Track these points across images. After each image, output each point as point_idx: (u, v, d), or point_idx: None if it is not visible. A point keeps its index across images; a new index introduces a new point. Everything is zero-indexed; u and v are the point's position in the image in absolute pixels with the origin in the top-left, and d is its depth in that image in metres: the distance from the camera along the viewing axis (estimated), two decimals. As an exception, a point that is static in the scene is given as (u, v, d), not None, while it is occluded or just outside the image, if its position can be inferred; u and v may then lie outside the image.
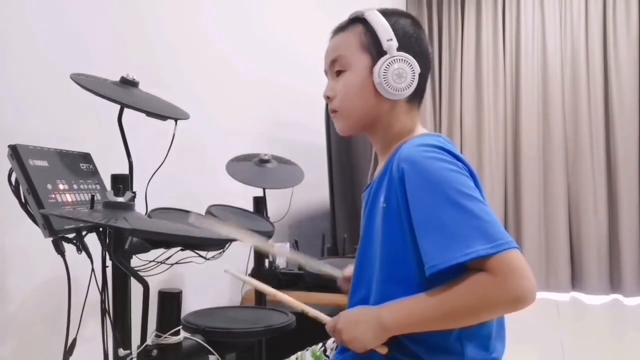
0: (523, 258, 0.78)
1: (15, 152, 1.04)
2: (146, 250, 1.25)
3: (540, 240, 4.15)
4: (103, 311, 1.13)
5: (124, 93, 1.24)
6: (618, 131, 4.00)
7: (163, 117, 1.29)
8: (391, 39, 0.95)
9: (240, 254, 1.95)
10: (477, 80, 4.40)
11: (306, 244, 2.40)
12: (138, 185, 1.27)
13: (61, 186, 1.09)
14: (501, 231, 0.79)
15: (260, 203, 1.95)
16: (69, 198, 1.10)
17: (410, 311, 0.86)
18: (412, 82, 0.95)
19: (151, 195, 1.36)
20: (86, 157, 1.24)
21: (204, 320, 1.39)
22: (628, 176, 3.98)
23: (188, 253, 1.34)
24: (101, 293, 1.14)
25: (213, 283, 2.14)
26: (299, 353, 1.21)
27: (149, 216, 1.33)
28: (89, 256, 1.11)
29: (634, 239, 3.95)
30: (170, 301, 1.18)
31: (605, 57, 4.08)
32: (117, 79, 1.29)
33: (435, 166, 0.84)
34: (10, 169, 1.06)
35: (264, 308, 1.78)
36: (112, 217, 0.95)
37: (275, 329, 1.38)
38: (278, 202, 2.19)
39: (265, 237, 1.16)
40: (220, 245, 1.38)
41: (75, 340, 1.11)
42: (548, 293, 4.02)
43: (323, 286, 1.98)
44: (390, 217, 0.90)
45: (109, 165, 1.25)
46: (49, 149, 1.14)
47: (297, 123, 2.90)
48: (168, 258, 1.34)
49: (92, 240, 1.12)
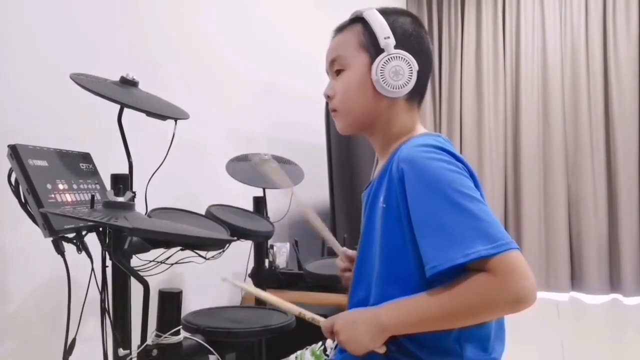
0: (523, 258, 0.78)
1: (15, 152, 1.04)
2: (146, 250, 1.25)
3: (540, 240, 4.15)
4: (103, 311, 1.13)
5: (124, 93, 1.24)
6: (618, 131, 4.00)
7: (163, 117, 1.29)
8: (388, 37, 0.95)
9: (240, 254, 1.95)
10: (477, 80, 4.40)
11: (306, 244, 2.40)
12: (138, 185, 1.27)
13: (61, 186, 1.09)
14: (501, 231, 0.79)
15: (260, 203, 1.95)
16: (69, 198, 1.10)
17: (409, 311, 0.85)
18: (410, 80, 0.95)
19: (151, 195, 1.36)
20: (86, 157, 1.24)
21: (204, 320, 1.40)
22: (628, 176, 3.97)
23: (188, 253, 1.34)
24: (101, 293, 1.14)
25: (213, 283, 2.13)
26: (299, 352, 1.22)
27: (149, 216, 1.33)
28: (89, 256, 1.11)
29: (634, 239, 3.95)
30: (170, 301, 1.18)
31: (605, 57, 4.08)
32: (117, 79, 1.29)
33: (434, 166, 0.84)
34: (10, 169, 1.06)
35: (264, 308, 1.78)
36: (113, 217, 0.95)
37: (275, 329, 1.38)
38: (278, 202, 2.19)
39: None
40: (220, 245, 1.38)
41: (75, 340, 1.11)
42: (548, 293, 4.02)
43: (323, 286, 1.98)
44: (389, 218, 0.90)
45: (109, 165, 1.25)
46: (49, 149, 1.14)
47: (297, 123, 2.90)
48: (168, 258, 1.34)
49: (92, 240, 1.12)
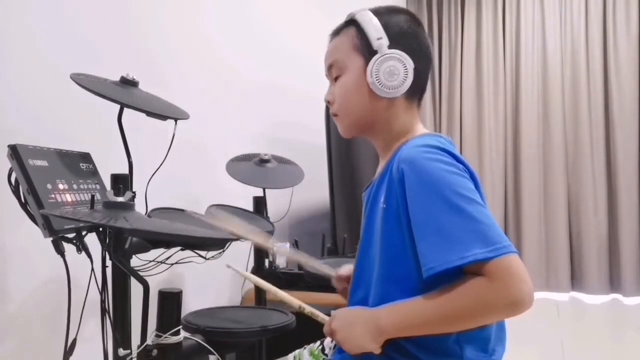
0: (521, 262, 0.78)
1: (15, 152, 1.04)
2: (146, 250, 1.25)
3: (540, 240, 4.15)
4: (103, 311, 1.13)
5: (124, 93, 1.24)
6: (618, 131, 4.00)
7: (163, 117, 1.28)
8: (381, 38, 0.94)
9: (240, 254, 1.95)
10: (477, 80, 4.39)
11: (306, 244, 2.40)
12: (138, 185, 1.27)
13: (61, 186, 1.09)
14: (499, 235, 0.79)
15: (260, 203, 1.95)
16: (69, 198, 1.10)
17: (407, 314, 0.85)
18: (406, 79, 0.94)
19: (151, 195, 1.36)
20: (86, 157, 1.24)
21: (204, 320, 1.39)
22: (628, 176, 3.97)
23: (188, 253, 1.34)
24: (101, 293, 1.14)
25: (213, 283, 2.14)
26: (297, 351, 1.21)
27: (149, 216, 1.33)
28: (89, 256, 1.11)
29: (634, 239, 3.95)
30: (170, 301, 1.18)
31: (605, 57, 4.08)
32: (117, 79, 1.29)
33: (434, 167, 0.84)
34: (10, 169, 1.06)
35: (264, 308, 1.78)
36: (112, 217, 0.95)
37: (275, 329, 1.38)
38: (278, 202, 2.19)
39: (266, 235, 1.17)
40: (220, 245, 1.38)
41: (75, 340, 1.11)
42: (548, 293, 4.02)
43: (323, 286, 1.97)
44: (389, 218, 0.90)
45: (109, 165, 1.25)
46: (49, 149, 1.14)
47: (297, 123, 2.90)
48: (168, 258, 1.34)
49: (92, 240, 1.12)
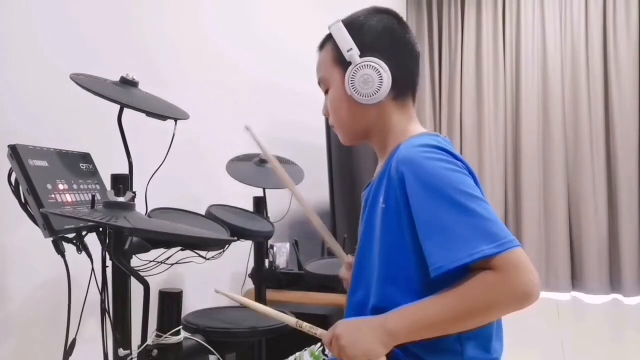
0: (526, 255, 0.79)
1: (15, 152, 1.04)
2: (146, 250, 1.25)
3: (540, 240, 4.15)
4: (103, 311, 1.13)
5: (124, 93, 1.24)
6: (618, 131, 4.00)
7: (163, 117, 1.28)
8: (351, 49, 0.96)
9: (240, 254, 1.95)
10: (477, 80, 4.40)
11: (306, 244, 2.40)
12: (138, 185, 1.26)
13: (61, 186, 1.09)
14: (504, 229, 0.79)
15: (260, 203, 1.95)
16: (69, 198, 1.10)
17: (417, 317, 0.84)
18: (381, 84, 0.95)
19: (151, 195, 1.35)
20: (86, 157, 1.24)
21: (204, 320, 1.40)
22: (628, 176, 3.98)
23: (188, 253, 1.34)
24: (101, 293, 1.14)
25: (213, 283, 2.14)
26: (297, 353, 1.21)
27: (149, 216, 1.33)
28: (89, 256, 1.11)
29: (634, 239, 3.95)
30: (170, 301, 1.18)
31: (605, 57, 4.08)
32: (117, 79, 1.29)
33: (434, 166, 0.84)
34: (10, 169, 1.06)
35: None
36: (113, 217, 0.95)
37: (275, 329, 1.38)
38: (278, 202, 2.19)
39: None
40: (220, 245, 1.38)
41: (75, 340, 1.11)
42: (548, 293, 4.02)
43: (323, 286, 1.98)
44: (389, 218, 0.90)
45: (109, 165, 1.25)
46: (49, 149, 1.14)
47: (297, 123, 2.90)
48: (168, 258, 1.34)
49: (92, 240, 1.12)
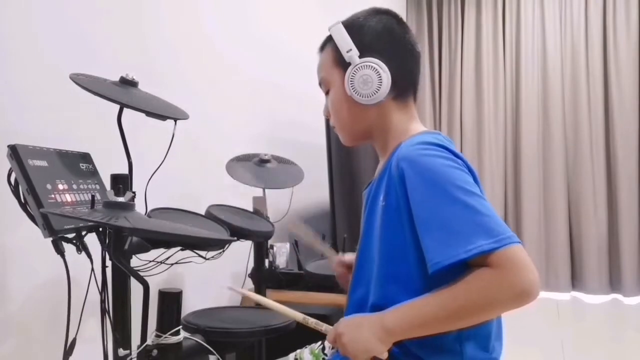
0: (525, 252, 0.78)
1: (14, 152, 1.04)
2: (146, 250, 1.25)
3: (540, 240, 4.15)
4: (103, 311, 1.13)
5: (124, 93, 1.24)
6: (618, 131, 4.00)
7: (163, 117, 1.28)
8: (350, 50, 0.97)
9: (240, 254, 1.95)
10: (477, 80, 4.39)
11: (306, 244, 2.40)
12: (138, 185, 1.26)
13: (61, 186, 1.09)
14: (502, 226, 0.79)
15: (260, 203, 1.95)
16: (69, 198, 1.10)
17: (414, 314, 0.84)
18: (381, 84, 0.96)
19: (151, 195, 1.35)
20: (86, 157, 1.24)
21: (204, 320, 1.40)
22: (628, 176, 3.98)
23: (188, 253, 1.34)
24: (101, 293, 1.14)
25: (213, 283, 2.14)
26: (298, 351, 1.21)
27: (149, 216, 1.33)
28: (89, 256, 1.11)
29: (634, 239, 3.95)
30: (170, 301, 1.18)
31: (605, 57, 4.08)
32: (117, 79, 1.29)
33: (434, 163, 0.84)
34: (9, 169, 1.06)
35: (264, 308, 1.78)
36: (113, 217, 0.95)
37: (275, 329, 1.38)
38: (278, 202, 2.19)
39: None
40: (220, 245, 1.38)
41: (75, 340, 1.11)
42: (548, 293, 4.02)
43: (323, 286, 1.98)
44: (389, 216, 0.90)
45: (109, 165, 1.25)
46: (49, 149, 1.14)
47: (297, 123, 2.90)
48: (168, 258, 1.34)
49: (92, 240, 1.12)
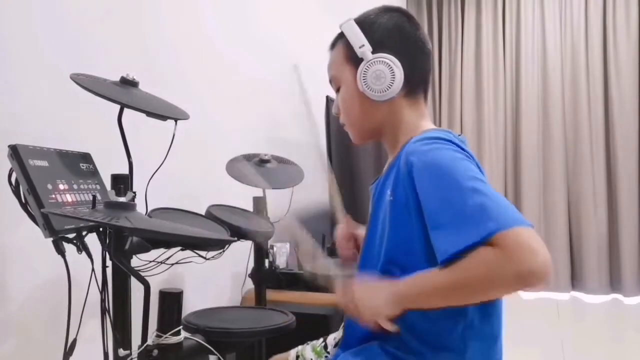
0: (534, 234, 0.76)
1: (15, 152, 1.04)
2: (146, 250, 1.25)
3: (540, 240, 4.15)
4: (103, 311, 1.13)
5: (124, 93, 1.24)
6: (618, 131, 4.01)
7: (163, 117, 1.28)
8: (363, 45, 0.97)
9: (240, 254, 1.95)
10: (477, 80, 4.40)
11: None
12: (138, 185, 1.26)
13: (61, 186, 1.09)
14: (512, 209, 0.78)
15: (260, 203, 1.95)
16: (69, 198, 1.10)
17: (421, 282, 0.84)
18: (393, 80, 0.96)
19: (151, 195, 1.35)
20: (86, 157, 1.24)
21: (205, 320, 1.40)
22: (628, 176, 3.98)
23: (188, 253, 1.34)
24: (101, 293, 1.14)
25: (213, 283, 2.14)
26: (300, 347, 1.21)
27: (149, 216, 1.33)
28: (89, 256, 1.11)
29: (634, 239, 3.95)
30: (171, 301, 1.18)
31: (605, 57, 4.08)
32: (117, 79, 1.29)
33: (442, 155, 0.85)
34: (10, 169, 1.06)
35: (264, 308, 1.78)
36: (114, 217, 0.95)
37: (275, 329, 1.38)
38: (278, 202, 2.19)
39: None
40: (220, 245, 1.38)
41: (75, 340, 1.11)
42: (548, 293, 4.02)
43: (323, 286, 1.97)
44: (397, 211, 0.91)
45: (109, 165, 1.25)
46: (49, 149, 1.14)
47: (297, 123, 2.90)
48: (168, 258, 1.34)
49: (92, 240, 1.12)
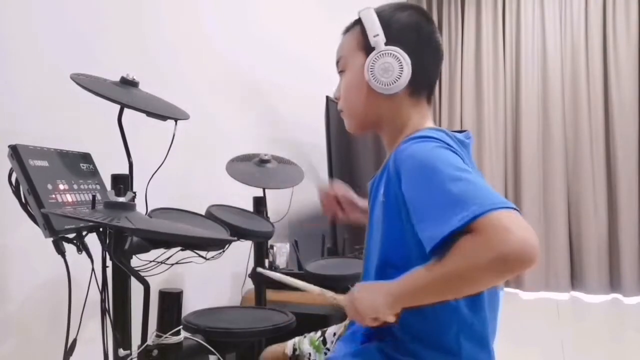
0: (516, 216, 0.75)
1: (15, 152, 1.04)
2: (146, 250, 1.25)
3: (540, 240, 4.04)
4: (103, 311, 1.13)
5: (124, 93, 1.24)
6: (618, 131, 4.00)
7: (163, 117, 1.28)
8: (377, 35, 0.96)
9: (240, 254, 1.95)
10: (477, 80, 4.40)
11: (306, 244, 2.40)
12: (138, 185, 1.27)
13: (61, 186, 1.09)
14: (492, 194, 0.77)
15: (260, 203, 1.95)
16: (70, 198, 1.10)
17: (412, 279, 0.84)
18: (401, 75, 0.95)
19: (151, 195, 1.36)
20: (86, 157, 1.24)
21: (205, 320, 1.40)
22: (628, 176, 3.98)
23: (188, 253, 1.34)
24: (101, 293, 1.14)
25: (213, 283, 2.14)
26: (297, 339, 1.20)
27: (149, 216, 1.33)
28: (90, 256, 1.11)
29: (634, 239, 3.95)
30: (171, 301, 1.18)
31: (605, 57, 4.08)
32: (117, 79, 1.29)
33: (425, 147, 0.85)
34: (10, 169, 1.06)
35: (264, 308, 1.78)
36: (115, 217, 0.95)
37: (275, 329, 1.38)
38: (278, 202, 2.19)
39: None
40: (220, 245, 1.38)
41: (75, 340, 1.11)
42: (548, 293, 4.02)
43: (322, 286, 1.97)
44: (389, 211, 0.91)
45: (109, 165, 1.25)
46: (49, 149, 1.14)
47: (297, 123, 2.90)
48: (168, 258, 1.34)
49: (92, 240, 1.12)
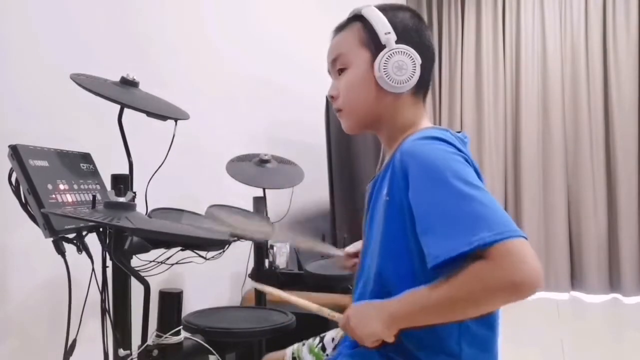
0: (527, 246, 0.75)
1: (15, 152, 1.04)
2: (146, 250, 1.25)
3: (539, 240, 4.15)
4: (103, 311, 1.13)
5: (124, 93, 1.24)
6: (618, 131, 4.00)
7: (163, 117, 1.28)
8: (389, 32, 0.95)
9: (240, 254, 1.95)
10: (477, 80, 4.40)
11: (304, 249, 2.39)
12: (138, 185, 1.27)
13: (62, 186, 1.09)
14: (506, 218, 0.77)
15: (260, 203, 1.95)
16: (70, 198, 1.10)
17: (413, 301, 0.84)
18: (414, 74, 0.95)
19: (151, 195, 1.36)
20: (86, 157, 1.24)
21: (205, 320, 1.40)
22: (628, 176, 3.98)
23: (188, 253, 1.34)
24: (101, 293, 1.14)
25: (213, 283, 2.14)
26: (295, 346, 1.20)
27: (149, 216, 1.33)
28: (90, 256, 1.11)
29: (634, 239, 3.95)
30: (171, 301, 1.19)
31: (605, 57, 4.08)
32: (117, 79, 1.29)
33: (436, 156, 0.84)
34: (10, 169, 1.06)
35: (264, 308, 1.78)
36: (115, 217, 0.95)
37: (275, 329, 1.38)
38: (278, 202, 2.19)
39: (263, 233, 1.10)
40: (220, 245, 1.38)
41: (75, 340, 1.11)
42: (548, 293, 4.02)
43: (323, 286, 1.98)
44: (392, 210, 0.90)
45: (109, 165, 1.25)
46: (49, 149, 1.14)
47: (297, 123, 2.90)
48: (168, 258, 1.34)
49: (93, 240, 1.12)
